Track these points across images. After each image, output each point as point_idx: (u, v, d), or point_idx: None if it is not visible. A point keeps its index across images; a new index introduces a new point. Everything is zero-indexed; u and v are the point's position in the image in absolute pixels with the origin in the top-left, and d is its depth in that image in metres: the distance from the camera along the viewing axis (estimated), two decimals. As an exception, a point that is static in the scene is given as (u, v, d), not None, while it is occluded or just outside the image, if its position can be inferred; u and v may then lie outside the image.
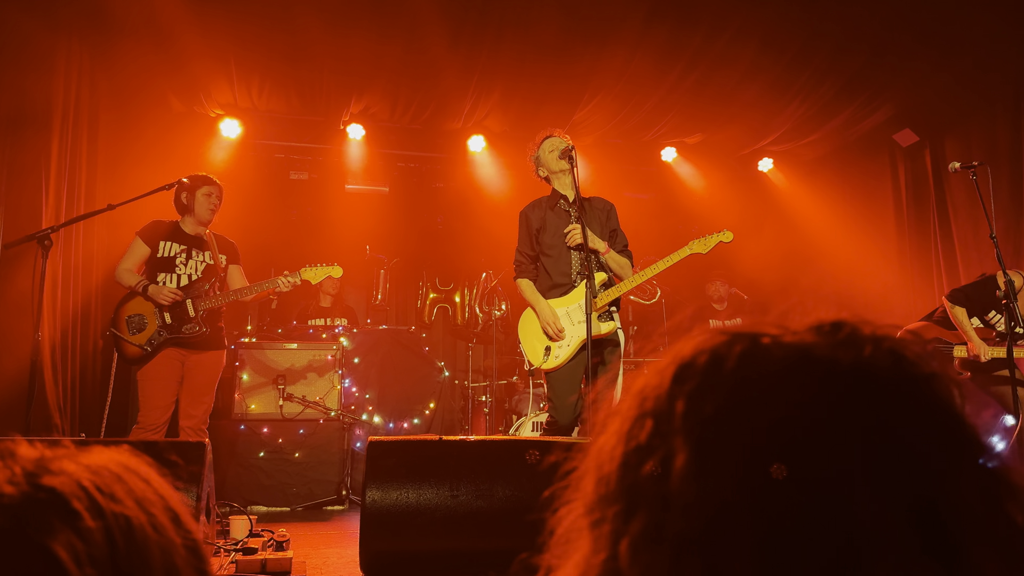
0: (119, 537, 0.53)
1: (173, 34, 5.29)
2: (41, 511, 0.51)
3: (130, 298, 4.46)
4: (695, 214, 7.95)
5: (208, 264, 4.58)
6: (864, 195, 7.38)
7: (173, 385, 4.41)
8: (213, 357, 4.53)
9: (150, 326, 4.41)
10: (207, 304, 4.45)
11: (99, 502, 0.53)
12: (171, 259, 4.51)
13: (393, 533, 2.65)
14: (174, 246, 4.54)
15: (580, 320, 4.00)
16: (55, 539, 0.50)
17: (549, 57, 5.81)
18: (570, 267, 4.18)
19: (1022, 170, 5.81)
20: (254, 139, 7.00)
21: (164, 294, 4.35)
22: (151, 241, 4.53)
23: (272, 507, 5.01)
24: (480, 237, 7.21)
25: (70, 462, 0.55)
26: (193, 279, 4.51)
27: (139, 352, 4.39)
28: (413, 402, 5.89)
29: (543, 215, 4.24)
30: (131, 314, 4.44)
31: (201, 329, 4.42)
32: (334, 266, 4.71)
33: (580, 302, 4.03)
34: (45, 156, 4.98)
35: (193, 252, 4.56)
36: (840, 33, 5.57)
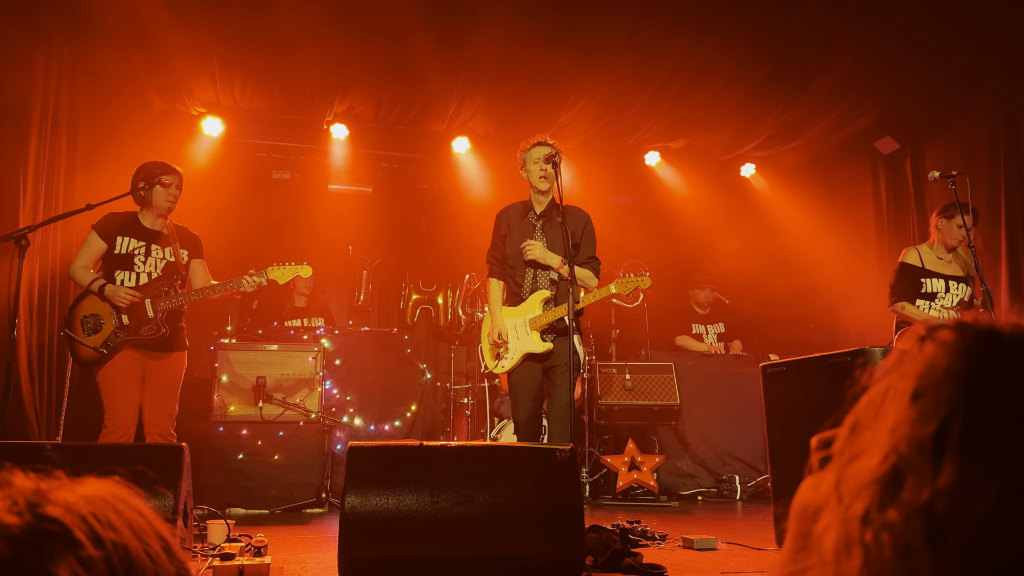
0: (119, 566, 0.54)
1: (155, 32, 5.24)
2: (46, 541, 0.52)
3: (85, 297, 4.22)
4: (678, 218, 8.00)
5: (169, 261, 4.32)
6: (845, 201, 7.45)
7: (136, 385, 4.19)
8: (175, 360, 4.32)
9: (106, 327, 4.16)
10: (167, 304, 4.20)
11: (99, 532, 0.54)
12: (129, 256, 4.24)
13: (372, 539, 2.64)
14: (132, 241, 4.27)
15: (524, 334, 4.36)
16: (60, 567, 0.51)
17: (535, 60, 5.82)
18: (523, 280, 4.43)
19: (1000, 179, 5.88)
20: (237, 138, 6.95)
21: (121, 295, 4.11)
22: (107, 236, 4.26)
23: (251, 509, 4.97)
24: (464, 239, 7.20)
25: (67, 492, 0.56)
26: (153, 277, 4.26)
27: (94, 355, 4.14)
28: (394, 404, 5.87)
29: (511, 223, 4.50)
30: (86, 314, 4.18)
31: (161, 330, 4.18)
32: (303, 265, 4.50)
33: (526, 317, 4.37)
34: (23, 154, 4.92)
35: (153, 248, 4.30)
36: (823, 41, 5.63)
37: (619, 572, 2.84)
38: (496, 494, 2.73)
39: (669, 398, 5.89)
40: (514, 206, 4.55)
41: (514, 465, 2.84)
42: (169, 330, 4.23)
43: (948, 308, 4.78)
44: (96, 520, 0.55)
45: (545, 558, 2.71)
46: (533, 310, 4.37)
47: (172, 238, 4.39)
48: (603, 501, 5.51)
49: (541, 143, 4.41)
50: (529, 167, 4.41)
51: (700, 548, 3.39)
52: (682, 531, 3.73)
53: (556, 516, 2.74)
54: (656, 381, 5.95)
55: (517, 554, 2.69)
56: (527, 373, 4.34)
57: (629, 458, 5.49)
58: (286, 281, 4.51)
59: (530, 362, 4.35)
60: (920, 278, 4.82)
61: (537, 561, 2.69)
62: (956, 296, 4.79)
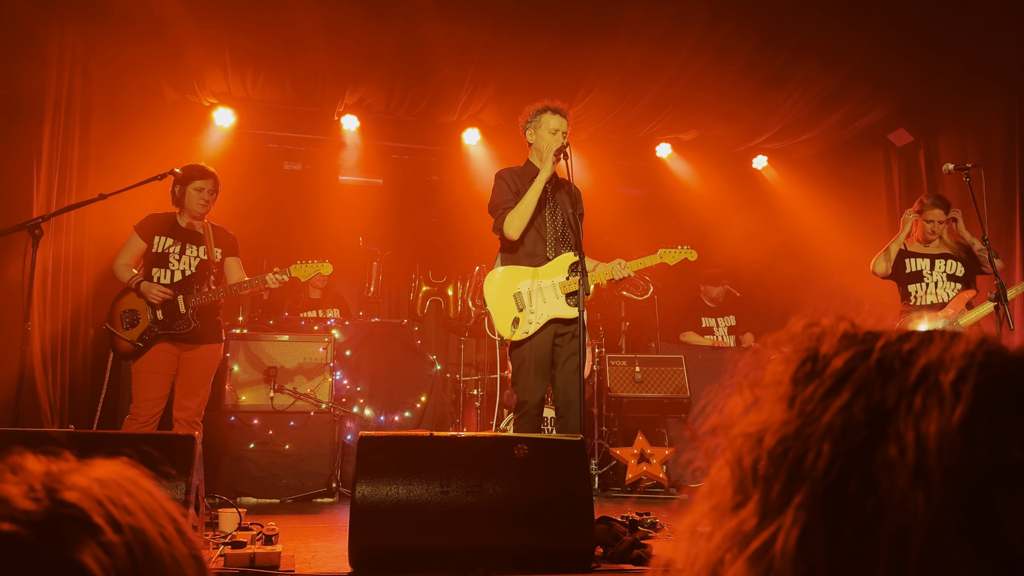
0: (137, 549, 0.54)
1: (167, 22, 5.25)
2: (67, 526, 0.52)
3: (125, 293, 4.45)
4: (689, 211, 7.96)
5: (202, 259, 4.54)
6: (858, 194, 7.40)
7: (166, 378, 4.40)
8: (208, 351, 4.51)
9: (143, 322, 4.40)
10: (198, 300, 4.41)
11: (116, 516, 0.54)
12: (164, 254, 4.48)
13: (383, 528, 2.65)
14: (168, 240, 4.50)
15: (552, 298, 4.01)
16: (84, 553, 0.51)
17: (546, 50, 5.80)
18: (546, 239, 4.12)
19: (1015, 171, 5.83)
20: (248, 129, 6.96)
21: (154, 292, 4.34)
22: (147, 236, 4.50)
23: (262, 499, 5.00)
24: (474, 231, 7.18)
25: (80, 476, 0.56)
26: (187, 274, 4.47)
27: (131, 348, 4.38)
28: (404, 395, 5.88)
29: (519, 184, 4.16)
30: (125, 309, 4.43)
31: (191, 325, 4.39)
32: (324, 263, 4.65)
33: (553, 280, 4.03)
34: (37, 144, 4.94)
35: (187, 247, 4.52)
36: (837, 32, 5.58)
37: (628, 563, 2.84)
38: (506, 485, 2.74)
39: (679, 391, 5.89)
40: (514, 170, 4.29)
41: (524, 456, 2.84)
42: (200, 324, 4.42)
43: (941, 282, 4.93)
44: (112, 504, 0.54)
45: (555, 548, 2.71)
46: (561, 272, 4.06)
47: (207, 237, 4.59)
48: (612, 493, 5.51)
49: (555, 111, 4.15)
50: (542, 133, 4.15)
51: (709, 540, 3.38)
52: (691, 523, 3.72)
53: (566, 507, 2.75)
54: (666, 374, 5.94)
55: (527, 544, 2.70)
56: (546, 343, 4.01)
57: (638, 450, 5.49)
58: (308, 278, 4.65)
59: (550, 330, 4.02)
60: (903, 259, 5.05)
61: (547, 551, 2.70)
62: (944, 271, 4.95)
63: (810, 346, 0.59)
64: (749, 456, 0.56)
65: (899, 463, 0.49)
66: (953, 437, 0.49)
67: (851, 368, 0.55)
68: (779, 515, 0.52)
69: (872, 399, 0.53)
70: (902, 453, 0.49)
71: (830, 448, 0.52)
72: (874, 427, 0.51)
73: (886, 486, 0.49)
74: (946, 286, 4.91)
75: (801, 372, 0.57)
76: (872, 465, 0.50)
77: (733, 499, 0.56)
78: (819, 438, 0.52)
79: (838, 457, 0.51)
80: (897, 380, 0.53)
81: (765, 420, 0.56)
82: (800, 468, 0.52)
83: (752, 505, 0.54)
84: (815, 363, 0.57)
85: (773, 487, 0.53)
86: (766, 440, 0.55)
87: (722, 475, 0.59)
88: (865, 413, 0.52)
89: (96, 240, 5.60)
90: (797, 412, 0.54)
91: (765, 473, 0.54)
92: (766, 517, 0.53)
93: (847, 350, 0.56)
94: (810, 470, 0.51)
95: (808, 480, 0.51)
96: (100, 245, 5.54)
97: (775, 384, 0.58)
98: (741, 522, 0.54)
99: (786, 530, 0.51)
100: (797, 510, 0.51)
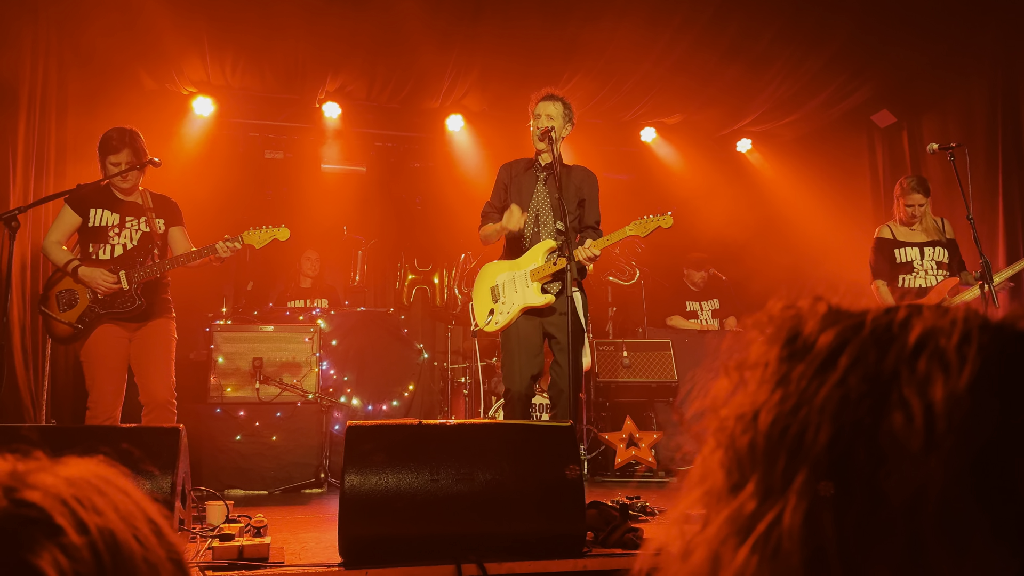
0: (105, 552, 0.51)
1: (143, 9, 5.16)
2: (24, 527, 0.49)
3: (60, 274, 4.13)
4: (674, 194, 7.94)
5: (144, 232, 4.18)
6: (842, 175, 7.41)
7: (119, 363, 4.08)
8: (159, 325, 4.17)
9: (81, 302, 4.04)
10: (141, 275, 4.07)
11: (82, 516, 0.51)
12: (103, 228, 4.12)
13: (372, 518, 2.63)
14: (105, 213, 4.13)
15: (523, 286, 4.10)
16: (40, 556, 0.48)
17: (529, 34, 5.75)
18: (524, 232, 4.18)
19: (998, 151, 5.85)
20: (228, 118, 6.88)
21: (99, 282, 4.00)
22: (81, 209, 4.13)
23: (249, 491, 4.97)
24: (459, 218, 7.15)
25: (47, 475, 0.53)
26: (128, 248, 4.13)
27: (69, 331, 4.05)
28: (392, 384, 5.86)
29: (512, 174, 4.31)
30: (62, 289, 4.07)
31: (136, 302, 4.06)
32: (280, 228, 4.30)
33: (526, 269, 4.11)
34: (12, 135, 4.85)
35: (127, 220, 4.16)
36: (820, 13, 5.57)
37: (620, 547, 2.83)
38: (496, 471, 2.72)
39: (667, 375, 5.89)
40: (519, 160, 4.42)
41: (514, 443, 2.83)
42: (146, 301, 4.11)
43: (929, 273, 4.94)
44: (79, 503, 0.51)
45: (546, 534, 2.70)
46: (535, 260, 4.12)
47: (146, 207, 4.26)
48: (601, 478, 5.52)
49: (546, 98, 4.22)
50: (532, 121, 4.25)
51: (700, 523, 3.39)
52: (681, 506, 3.73)
53: (556, 493, 2.73)
54: (654, 358, 5.95)
55: (518, 531, 2.68)
56: (525, 329, 4.07)
57: (627, 435, 5.49)
58: (262, 245, 4.30)
59: (529, 316, 4.07)
60: (893, 249, 5.02)
61: (538, 537, 2.69)
62: (933, 260, 4.96)
63: (793, 325, 0.58)
64: (743, 437, 0.54)
65: (908, 430, 0.48)
66: (962, 400, 0.48)
67: (844, 341, 0.54)
68: (782, 495, 0.51)
69: (869, 369, 0.52)
70: (910, 420, 0.48)
71: (830, 422, 0.50)
72: (876, 396, 0.50)
73: (895, 455, 0.48)
74: (936, 274, 4.94)
75: (788, 350, 0.56)
76: (879, 435, 0.49)
77: (728, 482, 0.55)
78: (818, 412, 0.51)
79: (841, 430, 0.50)
80: (895, 348, 0.52)
81: (756, 400, 0.55)
82: (801, 445, 0.51)
83: (751, 487, 0.53)
84: (802, 341, 0.56)
85: (775, 467, 0.52)
86: (760, 419, 0.53)
87: (713, 459, 0.57)
88: (865, 383, 0.51)
89: (75, 232, 5.51)
90: (792, 389, 0.53)
91: (763, 453, 0.52)
92: (768, 498, 0.51)
93: (835, 325, 0.56)
94: (811, 445, 0.50)
95: (811, 456, 0.50)
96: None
97: (762, 364, 0.57)
98: (740, 505, 0.53)
99: (791, 509, 0.50)
100: (801, 488, 0.50)
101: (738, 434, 0.55)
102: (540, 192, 4.22)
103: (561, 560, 2.65)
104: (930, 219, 5.06)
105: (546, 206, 4.20)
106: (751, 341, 0.59)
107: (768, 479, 0.52)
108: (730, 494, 0.54)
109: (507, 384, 4.09)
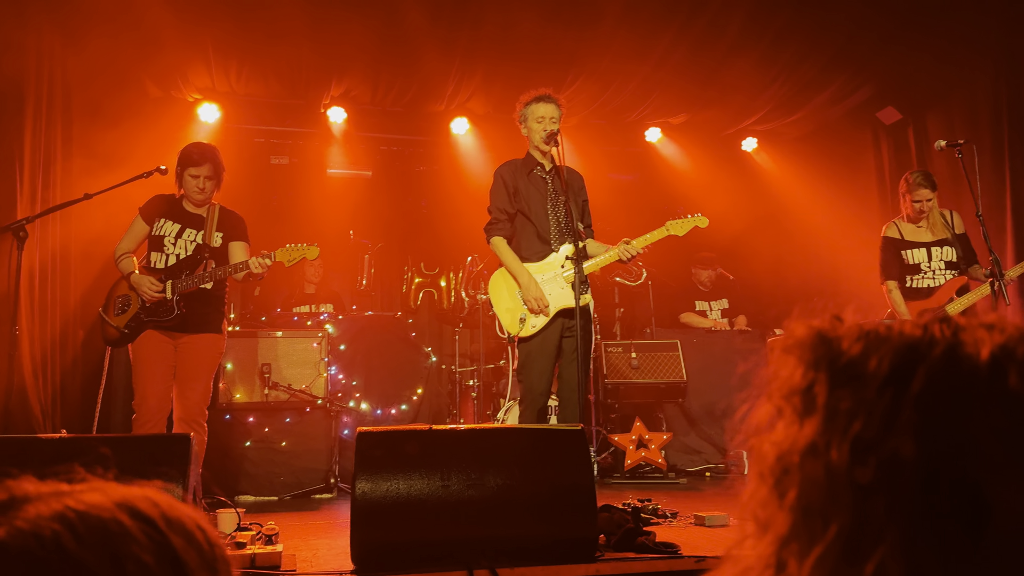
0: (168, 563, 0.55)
1: (148, 16, 5.17)
2: None
3: (124, 279, 4.28)
4: (680, 195, 7.92)
5: (199, 244, 4.28)
6: (848, 173, 7.39)
7: (165, 369, 4.15)
8: (201, 340, 4.23)
9: (132, 307, 4.17)
10: (185, 285, 4.16)
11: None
12: (161, 238, 4.25)
13: (384, 524, 2.63)
14: (168, 224, 4.27)
15: (558, 289, 4.07)
16: None
17: (532, 35, 5.75)
18: (548, 232, 4.19)
19: (1004, 146, 5.82)
20: (233, 124, 6.89)
21: (144, 289, 4.11)
22: (149, 218, 4.29)
23: (259, 496, 4.97)
24: (465, 220, 7.14)
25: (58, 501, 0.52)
26: (181, 258, 4.24)
27: (117, 335, 4.18)
28: (400, 388, 5.85)
29: (516, 178, 4.26)
30: (120, 294, 4.22)
31: (175, 312, 4.13)
32: (312, 247, 4.38)
33: (556, 271, 4.09)
34: (18, 144, 4.87)
35: (186, 230, 4.28)
36: (822, 10, 5.55)
37: (633, 551, 2.82)
38: (507, 476, 2.71)
39: (675, 375, 5.88)
40: (512, 163, 4.39)
41: (524, 446, 2.82)
42: (188, 312, 4.17)
43: (937, 273, 4.87)
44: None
45: (558, 538, 2.69)
46: (562, 264, 4.13)
47: (209, 220, 4.34)
48: (611, 480, 5.50)
49: (543, 99, 4.22)
50: (531, 125, 4.24)
51: (711, 525, 3.38)
52: (692, 508, 3.72)
53: (568, 496, 2.73)
54: (662, 359, 5.93)
55: (530, 535, 2.68)
56: (553, 335, 4.09)
57: (637, 436, 5.48)
58: (292, 263, 4.39)
59: (559, 323, 4.10)
60: (901, 251, 4.94)
61: (550, 542, 2.68)
62: (942, 259, 4.89)
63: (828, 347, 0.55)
64: (815, 473, 0.50)
65: (1007, 455, 0.46)
66: None
67: (906, 362, 0.51)
68: (879, 538, 0.47)
69: (948, 385, 0.49)
70: (1007, 444, 0.46)
71: (916, 446, 0.48)
72: (966, 418, 0.48)
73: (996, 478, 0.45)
74: (944, 274, 4.86)
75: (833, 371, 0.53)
76: (979, 452, 0.46)
77: (801, 530, 0.51)
78: (901, 435, 0.48)
79: (932, 452, 0.47)
80: (969, 363, 0.50)
81: (815, 431, 0.52)
82: (893, 475, 0.48)
83: (834, 530, 0.49)
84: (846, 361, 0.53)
85: (868, 499, 0.48)
86: (833, 454, 0.50)
87: (773, 503, 0.53)
88: (949, 402, 0.49)
89: (82, 240, 5.53)
90: (866, 414, 0.50)
91: (844, 486, 0.49)
92: (860, 537, 0.48)
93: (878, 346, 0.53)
94: (900, 472, 0.47)
95: (904, 488, 0.47)
96: (86, 245, 5.48)
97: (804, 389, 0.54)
98: (829, 546, 0.49)
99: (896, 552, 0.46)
100: (902, 519, 0.47)
101: (809, 469, 0.51)
102: (554, 195, 4.24)
103: (574, 565, 2.64)
104: (937, 214, 4.96)
105: (562, 209, 4.21)
106: (787, 363, 0.56)
107: (859, 511, 0.48)
108: (808, 537, 0.50)
109: (528, 388, 4.10)
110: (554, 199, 4.24)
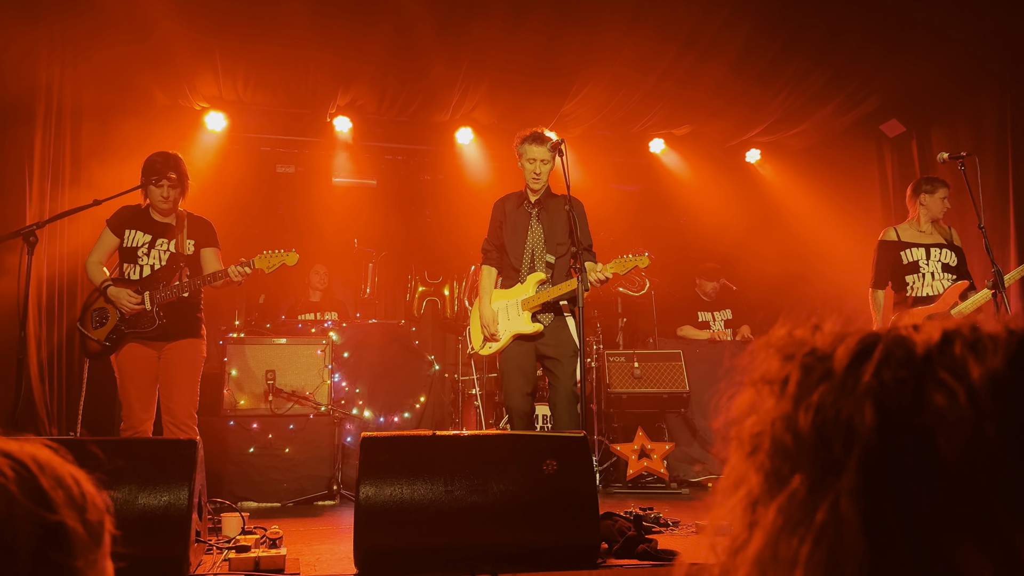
0: None
1: (156, 26, 5.22)
2: None
3: (97, 292, 4.26)
4: (683, 205, 7.97)
5: (172, 253, 4.26)
6: (851, 185, 7.41)
7: (149, 380, 4.17)
8: (184, 346, 4.23)
9: (111, 320, 4.17)
10: (164, 296, 4.16)
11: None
12: (134, 249, 4.24)
13: (387, 529, 2.64)
14: (139, 235, 4.25)
15: (515, 315, 4.42)
16: None
17: (538, 47, 5.79)
18: (521, 264, 4.48)
19: (1008, 159, 5.84)
20: (240, 132, 6.94)
21: (123, 302, 4.11)
22: (118, 230, 4.27)
23: (263, 503, 4.99)
24: (468, 230, 7.17)
25: None
26: (156, 269, 4.22)
27: (98, 348, 4.19)
28: (403, 396, 5.87)
29: (506, 212, 4.59)
30: (96, 307, 4.21)
31: (156, 322, 4.14)
32: (290, 252, 4.34)
33: (518, 298, 4.43)
34: (28, 151, 4.92)
35: (158, 241, 4.27)
36: (827, 23, 5.59)
37: (634, 558, 2.84)
38: (510, 482, 2.73)
39: (678, 385, 5.89)
40: (510, 196, 4.64)
41: (527, 453, 2.84)
42: (169, 321, 4.18)
43: (935, 276, 4.86)
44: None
45: (560, 545, 2.71)
46: (527, 291, 4.40)
47: (179, 229, 4.33)
48: (613, 489, 5.51)
49: (535, 140, 4.37)
50: (523, 163, 4.45)
51: (713, 534, 3.38)
52: (694, 517, 3.73)
53: (570, 503, 2.74)
54: (665, 369, 5.94)
55: (532, 542, 2.69)
56: (518, 353, 4.36)
57: (639, 446, 5.49)
58: (272, 269, 4.33)
59: (521, 342, 4.37)
60: (898, 251, 4.94)
61: (553, 548, 2.69)
62: (940, 260, 4.88)
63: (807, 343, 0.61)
64: (785, 435, 0.57)
65: (953, 406, 0.51)
66: (1003, 374, 0.52)
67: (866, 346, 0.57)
68: (836, 475, 0.53)
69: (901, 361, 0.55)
70: (952, 398, 0.51)
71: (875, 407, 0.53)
72: (914, 382, 0.53)
73: (945, 423, 0.51)
74: (941, 277, 4.86)
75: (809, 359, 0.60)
76: (925, 413, 0.52)
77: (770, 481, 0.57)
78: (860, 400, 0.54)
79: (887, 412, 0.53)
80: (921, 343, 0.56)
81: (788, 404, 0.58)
82: (851, 428, 0.53)
83: (798, 478, 0.55)
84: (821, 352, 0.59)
85: (828, 450, 0.54)
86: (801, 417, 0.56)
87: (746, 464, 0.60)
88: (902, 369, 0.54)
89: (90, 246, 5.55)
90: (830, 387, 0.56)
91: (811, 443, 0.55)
92: (822, 480, 0.54)
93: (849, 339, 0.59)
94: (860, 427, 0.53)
95: (862, 436, 0.53)
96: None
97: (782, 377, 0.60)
98: (791, 494, 0.55)
99: (850, 484, 0.52)
100: (858, 464, 0.52)
101: (779, 433, 0.57)
102: (534, 228, 4.50)
103: (576, 571, 2.66)
104: (940, 225, 5.01)
105: (539, 241, 4.48)
106: (766, 358, 0.63)
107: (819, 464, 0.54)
108: (775, 489, 0.56)
109: (506, 402, 4.45)
110: (534, 231, 4.49)
